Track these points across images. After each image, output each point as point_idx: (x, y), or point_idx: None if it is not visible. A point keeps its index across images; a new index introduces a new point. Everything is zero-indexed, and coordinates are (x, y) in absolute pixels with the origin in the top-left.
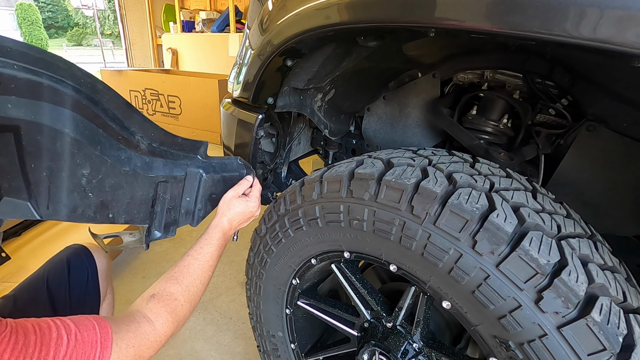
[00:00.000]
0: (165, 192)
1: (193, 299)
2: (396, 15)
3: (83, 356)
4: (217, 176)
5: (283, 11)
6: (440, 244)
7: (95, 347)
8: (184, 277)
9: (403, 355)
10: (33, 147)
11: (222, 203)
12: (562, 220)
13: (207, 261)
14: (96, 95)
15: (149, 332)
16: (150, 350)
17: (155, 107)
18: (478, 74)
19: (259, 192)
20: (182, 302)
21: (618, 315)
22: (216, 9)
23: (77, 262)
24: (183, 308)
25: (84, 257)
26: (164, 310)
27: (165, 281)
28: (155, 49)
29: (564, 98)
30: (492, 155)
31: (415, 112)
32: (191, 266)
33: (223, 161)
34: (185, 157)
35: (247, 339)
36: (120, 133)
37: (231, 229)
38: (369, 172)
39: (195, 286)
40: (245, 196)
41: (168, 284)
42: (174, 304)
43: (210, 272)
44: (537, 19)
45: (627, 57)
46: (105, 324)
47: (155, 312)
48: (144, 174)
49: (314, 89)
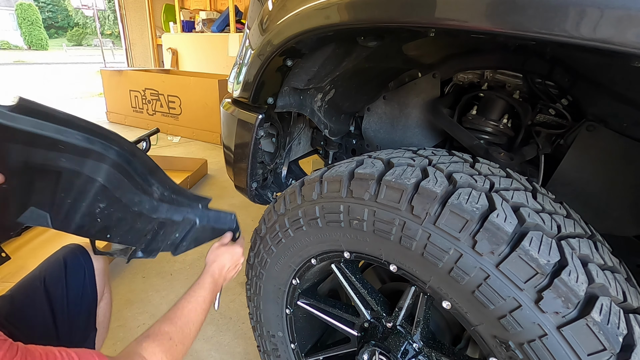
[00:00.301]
0: (160, 228)
1: (186, 340)
2: (396, 16)
3: None
4: (209, 225)
5: (283, 11)
6: (440, 244)
7: None
8: (178, 319)
9: (403, 355)
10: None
11: (210, 253)
12: (562, 220)
13: (200, 304)
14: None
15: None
16: None
17: (155, 107)
18: (478, 74)
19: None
20: (176, 342)
21: (618, 315)
22: (216, 9)
23: (73, 261)
24: (177, 348)
25: (81, 256)
26: (158, 350)
27: (160, 323)
28: (155, 49)
29: (564, 98)
30: (492, 155)
31: (415, 112)
32: (185, 309)
33: (219, 214)
34: (188, 205)
35: (247, 339)
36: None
37: (221, 276)
38: (369, 172)
39: (189, 328)
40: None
41: (163, 324)
42: (168, 343)
43: (203, 316)
44: (537, 19)
45: (627, 57)
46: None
47: (150, 352)
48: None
49: (314, 89)
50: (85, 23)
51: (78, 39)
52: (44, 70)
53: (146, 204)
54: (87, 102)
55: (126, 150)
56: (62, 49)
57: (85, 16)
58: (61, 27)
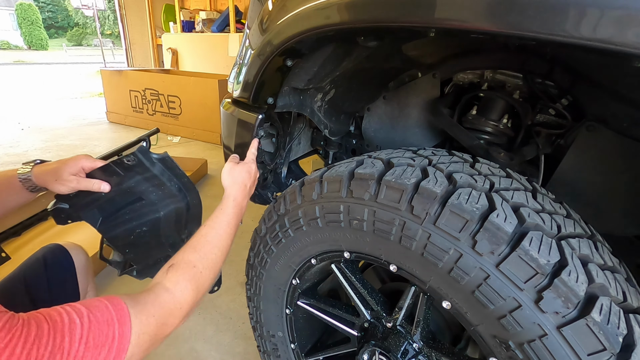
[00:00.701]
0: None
1: (212, 266)
2: (396, 16)
3: (101, 335)
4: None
5: (283, 11)
6: (440, 244)
7: (112, 325)
8: (202, 246)
9: (403, 355)
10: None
11: (225, 176)
12: (562, 220)
13: (224, 229)
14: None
15: (169, 300)
16: (174, 319)
17: (155, 107)
18: (478, 74)
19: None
20: (200, 269)
21: (618, 315)
22: (216, 9)
23: (53, 260)
24: (202, 275)
25: (60, 254)
26: (182, 278)
27: (183, 251)
28: (155, 49)
29: (564, 98)
30: (492, 155)
31: (415, 112)
32: (208, 235)
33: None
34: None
35: (247, 339)
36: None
37: (244, 195)
38: (369, 172)
39: (214, 253)
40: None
41: (186, 253)
42: (192, 271)
43: (229, 241)
44: (537, 19)
45: (627, 58)
46: (117, 300)
47: (173, 281)
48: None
49: (314, 89)
50: (85, 23)
51: (78, 39)
52: (44, 70)
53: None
54: (87, 102)
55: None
56: (62, 49)
57: (85, 16)
58: (61, 27)
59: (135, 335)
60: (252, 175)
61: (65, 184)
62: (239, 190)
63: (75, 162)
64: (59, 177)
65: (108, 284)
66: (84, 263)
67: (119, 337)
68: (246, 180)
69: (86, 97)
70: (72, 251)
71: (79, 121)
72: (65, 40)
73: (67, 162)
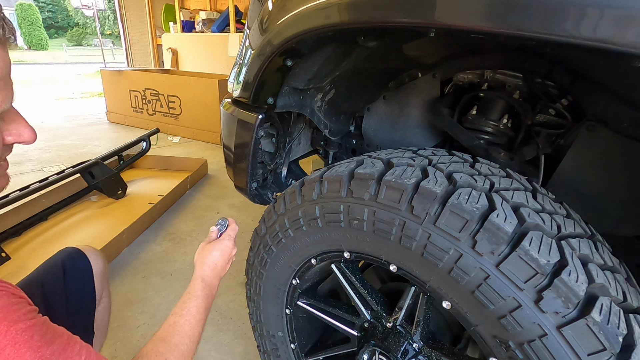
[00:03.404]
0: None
1: (184, 355)
2: (396, 16)
3: None
4: None
5: (283, 11)
6: (440, 244)
7: None
8: (171, 337)
9: (403, 355)
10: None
11: (196, 255)
12: (562, 220)
13: (194, 315)
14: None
15: None
16: None
17: (155, 107)
18: (478, 74)
19: (234, 231)
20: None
21: (618, 315)
22: (216, 9)
23: (72, 266)
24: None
25: (80, 260)
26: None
27: (152, 342)
28: (155, 49)
29: (564, 98)
30: (492, 155)
31: (415, 112)
32: (177, 324)
33: None
34: None
35: (247, 339)
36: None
37: (214, 276)
38: (369, 172)
39: (185, 344)
40: (217, 240)
41: (156, 344)
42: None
43: (200, 327)
44: (537, 19)
45: (627, 58)
46: None
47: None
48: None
49: (314, 89)
50: (85, 23)
51: (78, 39)
52: (44, 70)
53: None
54: (87, 102)
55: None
56: (62, 49)
57: (85, 16)
58: (61, 27)
59: None
60: (225, 254)
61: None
62: (207, 271)
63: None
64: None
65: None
66: (102, 268)
67: None
68: (217, 259)
69: (86, 97)
70: (90, 256)
71: (79, 121)
72: (65, 40)
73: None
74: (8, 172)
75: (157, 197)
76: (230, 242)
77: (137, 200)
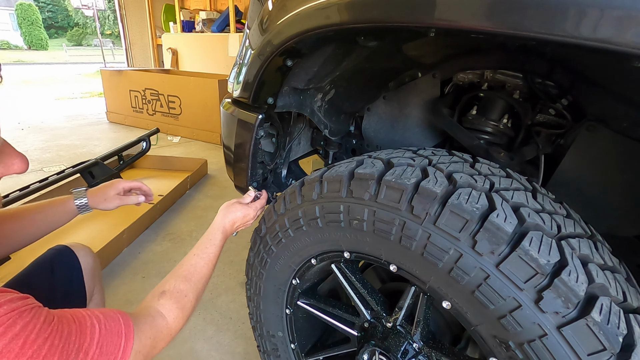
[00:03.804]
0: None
1: (199, 295)
2: (396, 16)
3: (111, 345)
4: None
5: (283, 11)
6: (440, 244)
7: (120, 337)
8: (192, 276)
9: (403, 355)
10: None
11: (224, 206)
12: (562, 220)
13: (211, 260)
14: None
15: (163, 325)
16: (163, 342)
17: (155, 107)
18: (478, 74)
19: (261, 204)
20: (190, 299)
21: (618, 315)
22: (216, 9)
23: (61, 263)
24: (191, 304)
25: (67, 257)
26: (175, 307)
27: (175, 279)
28: (155, 49)
29: (564, 98)
30: (492, 155)
31: (415, 112)
32: (197, 265)
33: None
34: None
35: (247, 339)
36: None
37: (231, 230)
38: (369, 172)
39: (202, 283)
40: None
41: (178, 281)
42: (184, 300)
43: (211, 272)
44: (537, 19)
45: (627, 58)
46: (127, 317)
47: (167, 308)
48: None
49: (314, 89)
50: (85, 23)
51: (78, 39)
52: (44, 70)
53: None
54: (87, 102)
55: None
56: (62, 49)
57: (85, 16)
58: (61, 27)
59: (134, 352)
60: (245, 219)
61: (113, 201)
62: (227, 225)
63: (116, 185)
64: (107, 198)
65: (107, 284)
66: (91, 265)
67: (122, 351)
68: (238, 220)
69: (86, 97)
70: (79, 253)
71: (78, 121)
72: (65, 40)
73: (111, 184)
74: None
75: (157, 197)
76: (254, 212)
77: None
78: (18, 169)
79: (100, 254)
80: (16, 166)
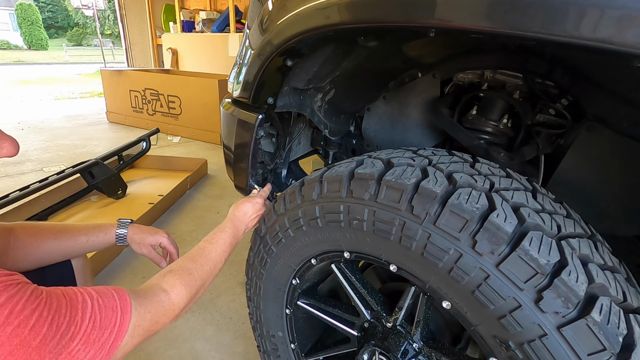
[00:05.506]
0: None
1: (206, 277)
2: (396, 16)
3: (106, 319)
4: None
5: (283, 11)
6: (440, 244)
7: (116, 312)
8: (199, 257)
9: (403, 355)
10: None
11: (233, 205)
12: (562, 220)
13: (220, 245)
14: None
15: (165, 300)
16: (166, 318)
17: (155, 107)
18: (478, 74)
19: (264, 192)
20: (195, 278)
21: (618, 315)
22: (216, 9)
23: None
24: (196, 284)
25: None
26: (178, 282)
27: (181, 260)
28: (155, 49)
29: (564, 98)
30: (492, 155)
31: (415, 112)
32: (205, 249)
33: None
34: None
35: (247, 339)
36: None
37: (242, 221)
38: (369, 172)
39: (208, 266)
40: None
41: (184, 261)
42: (188, 277)
43: (223, 258)
44: (537, 19)
45: (627, 58)
46: (122, 292)
47: (170, 284)
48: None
49: (314, 89)
50: (85, 23)
51: (78, 39)
52: (44, 70)
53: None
54: (87, 102)
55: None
56: (62, 49)
57: (85, 16)
58: (61, 27)
59: (132, 326)
60: (254, 207)
61: (144, 249)
62: (238, 214)
63: (158, 237)
64: (142, 242)
65: (107, 284)
66: (82, 263)
67: (119, 324)
68: (247, 209)
69: (86, 97)
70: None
71: (78, 121)
72: (65, 40)
73: (156, 233)
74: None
75: (157, 197)
76: (261, 200)
77: (137, 200)
78: (8, 152)
79: (101, 253)
80: (6, 149)
